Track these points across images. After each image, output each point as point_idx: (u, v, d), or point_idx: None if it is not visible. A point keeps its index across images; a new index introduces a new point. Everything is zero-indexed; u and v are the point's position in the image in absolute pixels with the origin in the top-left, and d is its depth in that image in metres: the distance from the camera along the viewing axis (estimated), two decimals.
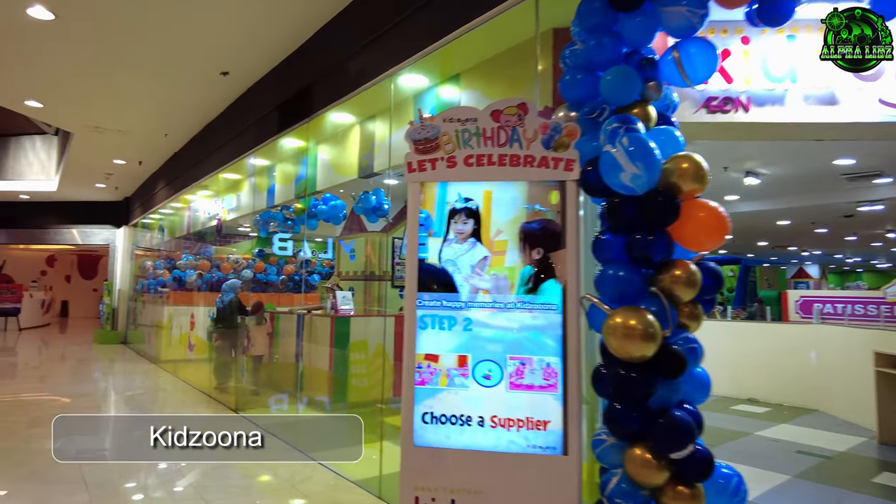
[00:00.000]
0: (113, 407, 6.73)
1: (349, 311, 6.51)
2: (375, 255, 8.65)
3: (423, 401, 2.43)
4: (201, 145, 7.92)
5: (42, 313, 18.21)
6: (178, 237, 10.86)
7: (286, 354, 6.56)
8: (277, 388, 6.47)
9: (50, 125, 13.08)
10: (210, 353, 7.74)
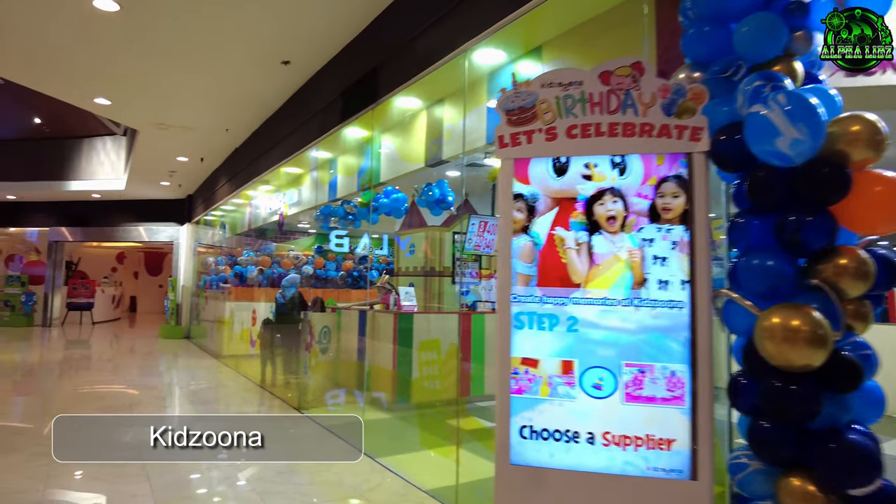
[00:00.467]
0: (177, 401, 6.71)
1: (412, 307, 6.24)
2: (436, 250, 8.38)
3: (520, 412, 2.09)
4: (262, 140, 7.84)
5: (113, 308, 18.92)
6: (240, 233, 10.90)
7: (348, 351, 6.35)
8: (340, 387, 6.27)
9: (118, 126, 13.49)
10: (271, 348, 7.65)
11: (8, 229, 16.83)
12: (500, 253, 2.17)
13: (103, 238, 16.10)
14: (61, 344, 12.18)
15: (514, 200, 2.14)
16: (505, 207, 2.17)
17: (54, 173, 14.17)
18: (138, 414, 5.75)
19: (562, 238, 2.11)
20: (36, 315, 15.81)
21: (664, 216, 2.07)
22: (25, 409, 6.15)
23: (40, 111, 13.94)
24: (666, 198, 2.07)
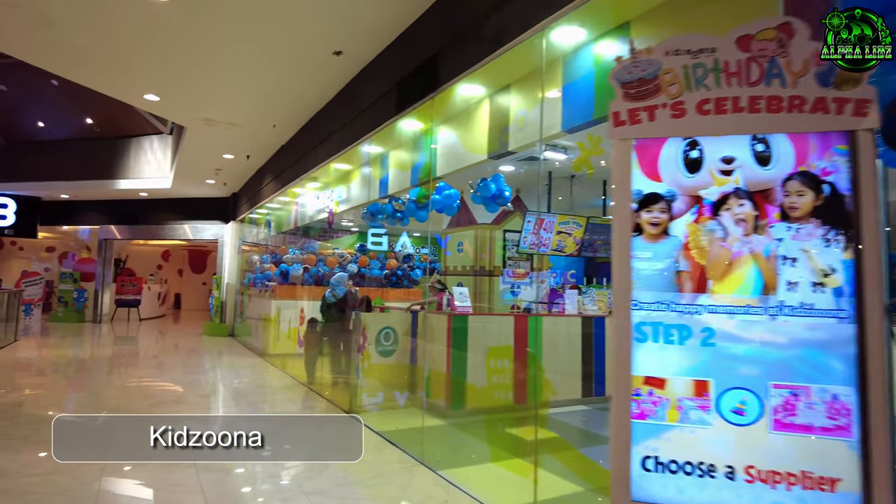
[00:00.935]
0: (224, 400, 6.58)
1: (467, 308, 5.95)
2: (486, 249, 8.08)
3: (643, 440, 1.77)
4: (309, 136, 7.67)
5: (159, 305, 19.24)
6: (286, 231, 10.81)
7: (401, 353, 6.10)
8: (394, 391, 6.03)
9: (165, 124, 13.62)
10: (320, 347, 7.48)
11: (62, 227, 17.26)
12: (617, 253, 1.86)
13: (150, 236, 16.35)
14: (111, 340, 12.36)
15: (653, 202, 1.82)
16: (621, 199, 1.86)
17: (104, 172, 14.42)
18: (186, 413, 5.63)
19: (700, 238, 1.78)
20: (87, 311, 16.16)
21: (791, 214, 1.73)
22: (78, 403, 6.11)
23: (92, 112, 14.18)
24: (791, 196, 1.74)
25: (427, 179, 5.21)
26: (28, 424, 5.11)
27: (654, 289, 1.78)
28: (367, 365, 5.80)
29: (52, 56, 6.08)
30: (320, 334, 7.69)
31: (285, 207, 10.54)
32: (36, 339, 11.94)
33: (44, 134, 15.17)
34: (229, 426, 5.31)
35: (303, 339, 8.49)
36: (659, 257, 1.79)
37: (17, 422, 5.24)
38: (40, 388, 6.88)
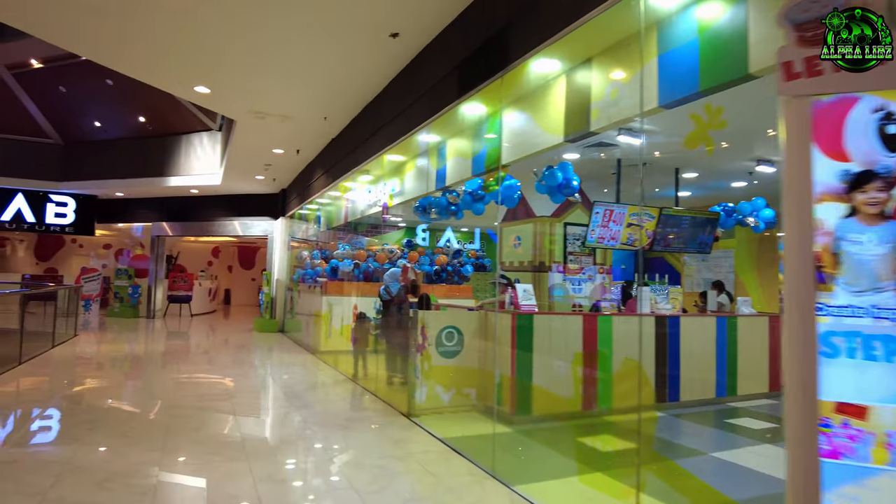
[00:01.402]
0: (275, 398, 6.39)
1: (532, 306, 5.56)
2: (546, 243, 7.66)
3: (837, 486, 1.36)
4: (362, 126, 7.40)
5: (209, 301, 19.53)
6: (336, 227, 10.63)
7: (465, 355, 5.76)
8: (453, 393, 5.69)
9: (214, 120, 13.66)
10: (371, 344, 7.22)
11: (117, 225, 17.67)
12: (793, 243, 1.45)
13: (200, 232, 16.53)
14: (164, 335, 12.49)
15: (870, 180, 1.41)
16: (800, 175, 1.44)
17: (157, 170, 14.62)
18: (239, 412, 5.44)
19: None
20: (141, 307, 16.49)
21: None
22: (136, 396, 6.03)
23: (144, 110, 14.38)
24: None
25: (494, 167, 4.83)
26: (89, 414, 5.01)
27: (861, 285, 1.37)
28: (427, 366, 5.48)
29: (101, 47, 5.97)
30: (372, 330, 7.44)
31: (335, 202, 10.35)
32: (94, 334, 12.15)
33: (99, 134, 15.50)
34: (285, 429, 5.11)
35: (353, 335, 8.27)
36: (879, 242, 1.38)
37: (79, 413, 5.16)
38: (100, 382, 6.86)
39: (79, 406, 5.66)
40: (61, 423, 5.01)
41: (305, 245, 13.93)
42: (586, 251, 7.79)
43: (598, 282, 7.77)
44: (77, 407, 5.63)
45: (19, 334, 8.05)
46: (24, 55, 13.52)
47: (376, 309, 7.05)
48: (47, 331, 9.88)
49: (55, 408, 5.59)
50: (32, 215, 15.91)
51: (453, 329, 5.70)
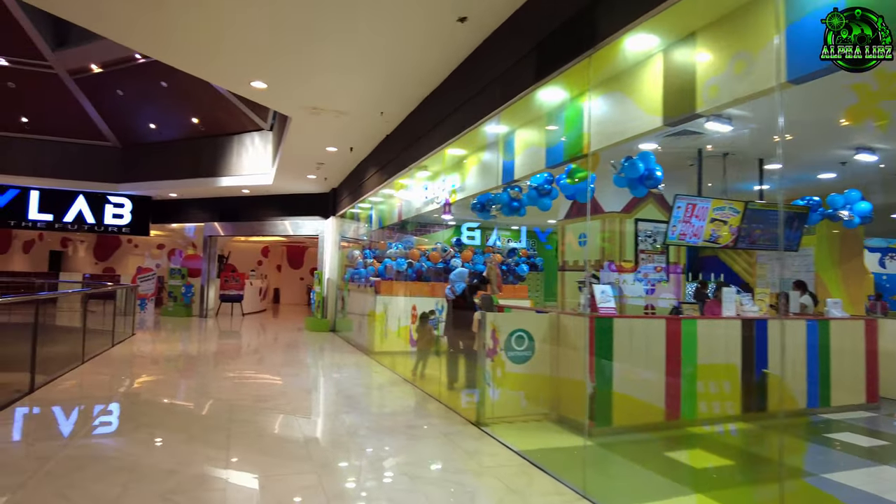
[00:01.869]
0: (334, 403, 6.16)
1: (611, 309, 5.15)
2: (616, 241, 7.21)
3: None
4: (420, 120, 7.12)
5: (260, 300, 19.70)
6: (389, 226, 10.41)
7: (534, 360, 5.40)
8: (525, 401, 5.34)
9: (265, 120, 13.67)
10: (438, 348, 6.93)
11: (171, 225, 17.99)
12: None
13: (251, 232, 16.63)
14: (218, 334, 12.55)
15: None
16: None
17: (209, 170, 14.77)
18: (300, 421, 5.23)
19: None
20: (194, 305, 16.71)
21: None
22: (196, 397, 5.91)
23: (197, 111, 14.52)
24: None
25: (578, 155, 4.43)
26: (151, 417, 4.88)
27: None
28: (499, 372, 5.14)
29: (160, 42, 5.86)
30: (435, 332, 7.15)
31: (388, 201, 10.12)
32: (151, 332, 12.30)
33: (154, 136, 15.77)
34: (350, 437, 4.85)
35: (414, 336, 8.01)
36: None
37: (141, 415, 5.05)
38: (160, 383, 6.79)
39: (141, 408, 5.56)
40: (125, 425, 4.90)
41: (355, 244, 13.80)
42: (659, 249, 7.32)
43: (650, 279, 7.32)
44: (139, 409, 5.52)
45: (82, 333, 8.11)
46: (85, 60, 13.85)
47: (439, 310, 6.76)
48: (107, 329, 10.00)
49: (118, 409, 5.50)
50: (92, 216, 16.33)
51: (523, 333, 5.34)
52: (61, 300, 15.59)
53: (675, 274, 11.77)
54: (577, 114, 4.40)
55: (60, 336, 9.97)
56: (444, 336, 6.87)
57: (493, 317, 5.23)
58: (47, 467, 3.70)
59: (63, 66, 14.06)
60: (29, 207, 15.84)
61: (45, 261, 20.70)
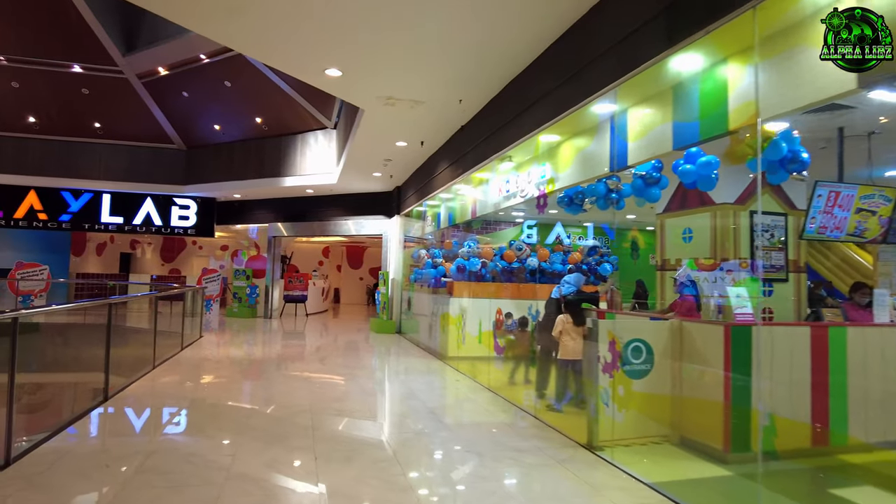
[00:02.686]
0: (419, 417, 5.62)
1: (748, 316, 4.39)
2: (730, 236, 6.37)
3: None
4: (504, 107, 6.51)
5: (322, 300, 19.56)
6: (460, 223, 9.84)
7: (654, 374, 4.69)
8: (646, 422, 4.65)
9: (329, 118, 13.36)
10: (534, 357, 6.31)
11: (234, 226, 18.03)
12: None
13: (314, 232, 16.41)
14: (285, 336, 12.31)
15: None
16: None
17: (273, 170, 14.61)
18: (390, 437, 4.70)
19: None
20: (258, 306, 16.67)
21: None
22: (276, 407, 5.51)
23: (261, 110, 14.39)
24: None
25: (721, 133, 3.66)
26: (230, 433, 4.48)
27: None
28: (621, 390, 4.47)
29: (230, 29, 5.45)
30: (533, 339, 6.52)
31: (460, 197, 9.55)
32: (218, 335, 12.17)
33: (218, 137, 15.77)
34: (450, 461, 4.29)
35: (502, 345, 7.42)
36: None
37: (220, 430, 4.66)
38: (235, 391, 6.45)
39: (220, 420, 5.18)
40: (208, 434, 4.50)
41: (421, 243, 13.33)
42: (777, 244, 6.44)
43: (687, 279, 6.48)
44: (219, 417, 5.14)
45: (153, 336, 7.90)
46: (153, 63, 13.92)
47: (534, 318, 6.16)
48: (174, 331, 9.86)
49: (197, 417, 5.13)
50: (159, 218, 16.52)
51: (641, 343, 4.65)
52: (131, 301, 15.86)
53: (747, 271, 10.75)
54: (719, 82, 3.67)
55: (131, 338, 9.89)
56: (540, 344, 6.25)
57: (612, 325, 4.55)
58: (134, 482, 3.30)
59: (132, 71, 14.20)
60: (101, 210, 16.16)
61: (116, 262, 21.23)
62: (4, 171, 15.46)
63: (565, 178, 5.78)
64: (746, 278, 5.83)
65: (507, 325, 8.07)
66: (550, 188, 5.93)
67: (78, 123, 15.81)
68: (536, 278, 9.67)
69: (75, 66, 14.26)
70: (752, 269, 6.23)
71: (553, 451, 4.41)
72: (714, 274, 6.84)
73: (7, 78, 14.41)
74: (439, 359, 9.11)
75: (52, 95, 14.94)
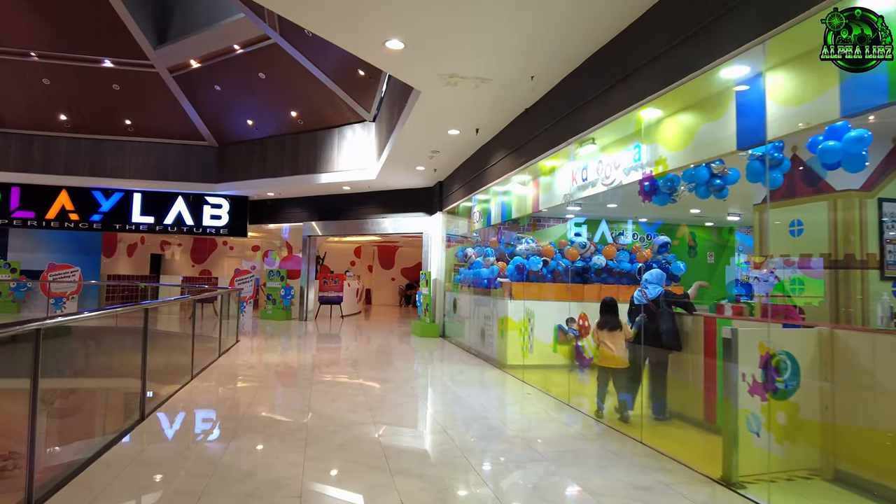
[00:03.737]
0: (509, 444, 4.84)
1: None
2: (856, 228, 5.47)
3: None
4: (589, 80, 5.71)
5: (357, 301, 18.92)
6: (521, 217, 9.05)
7: (802, 394, 3.84)
8: (787, 450, 3.80)
9: (368, 111, 12.67)
10: (632, 368, 5.51)
11: (267, 226, 17.46)
12: None
13: (350, 231, 15.71)
14: (324, 340, 11.65)
15: None
16: None
17: (308, 166, 13.99)
18: (481, 472, 3.93)
19: None
20: (293, 308, 16.06)
21: None
22: (332, 427, 4.81)
23: (296, 103, 13.76)
24: None
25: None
26: (287, 443, 3.78)
27: None
28: (781, 418, 3.63)
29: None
30: (634, 352, 5.71)
31: (519, 189, 8.74)
32: (255, 339, 11.54)
33: (252, 133, 15.21)
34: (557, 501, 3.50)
35: (585, 355, 6.62)
36: None
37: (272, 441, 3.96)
38: (282, 402, 5.77)
39: (274, 438, 4.47)
40: (271, 463, 3.80)
41: (465, 242, 12.55)
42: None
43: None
44: (272, 440, 4.43)
45: (190, 343, 7.25)
46: (185, 56, 13.40)
47: (635, 325, 5.36)
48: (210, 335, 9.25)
49: (248, 442, 4.43)
50: (191, 218, 16.04)
51: (785, 357, 3.80)
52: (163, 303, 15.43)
53: (804, 269, 9.73)
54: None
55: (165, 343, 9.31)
56: (637, 352, 5.45)
57: (764, 335, 3.70)
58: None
59: (163, 64, 13.70)
60: (132, 210, 15.73)
61: (147, 264, 20.88)
62: (35, 170, 15.11)
63: (674, 159, 4.94)
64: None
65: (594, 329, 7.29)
66: (660, 169, 5.08)
67: (108, 121, 15.40)
68: (603, 278, 8.83)
69: (106, 61, 13.83)
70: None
71: (684, 489, 3.59)
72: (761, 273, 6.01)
73: (38, 75, 14.04)
74: (497, 367, 8.32)
75: (82, 92, 14.54)
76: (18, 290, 15.84)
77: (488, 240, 11.58)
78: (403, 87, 8.25)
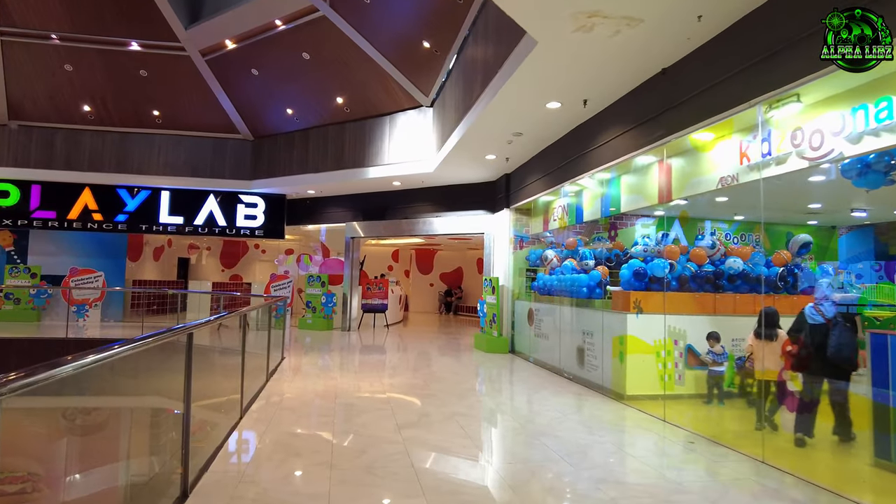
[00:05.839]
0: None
1: None
2: None
3: None
4: (787, 17, 4.04)
5: (400, 309, 17.39)
6: (634, 211, 7.41)
7: None
8: None
9: (427, 95, 11.11)
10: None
11: (304, 227, 15.95)
12: None
13: (396, 233, 14.09)
14: (379, 354, 10.09)
15: None
16: None
17: (354, 160, 12.48)
18: None
19: None
20: (335, 317, 14.55)
21: None
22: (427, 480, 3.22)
23: (344, 88, 12.26)
24: None
25: None
26: None
27: None
28: None
29: None
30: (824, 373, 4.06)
31: (634, 174, 7.09)
32: (302, 355, 10.01)
33: (291, 124, 13.76)
34: None
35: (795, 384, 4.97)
36: None
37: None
38: (364, 448, 4.22)
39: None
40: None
41: (538, 244, 10.91)
42: None
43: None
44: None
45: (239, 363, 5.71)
46: (219, 36, 11.99)
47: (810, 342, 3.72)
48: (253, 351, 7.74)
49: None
50: (224, 218, 14.64)
51: None
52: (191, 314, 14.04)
53: (875, 271, 7.96)
54: None
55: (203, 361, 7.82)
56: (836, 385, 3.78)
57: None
58: None
59: (195, 46, 12.31)
60: (160, 210, 14.38)
61: (174, 268, 19.58)
62: (57, 167, 13.84)
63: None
64: None
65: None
66: (850, 149, 3.40)
67: (135, 111, 14.08)
68: (737, 286, 7.13)
69: (133, 44, 12.49)
70: None
71: None
72: None
73: (60, 60, 12.75)
74: (613, 398, 6.65)
75: (107, 79, 13.22)
76: (39, 297, 14.58)
77: (565, 241, 9.93)
78: (495, 50, 6.68)
